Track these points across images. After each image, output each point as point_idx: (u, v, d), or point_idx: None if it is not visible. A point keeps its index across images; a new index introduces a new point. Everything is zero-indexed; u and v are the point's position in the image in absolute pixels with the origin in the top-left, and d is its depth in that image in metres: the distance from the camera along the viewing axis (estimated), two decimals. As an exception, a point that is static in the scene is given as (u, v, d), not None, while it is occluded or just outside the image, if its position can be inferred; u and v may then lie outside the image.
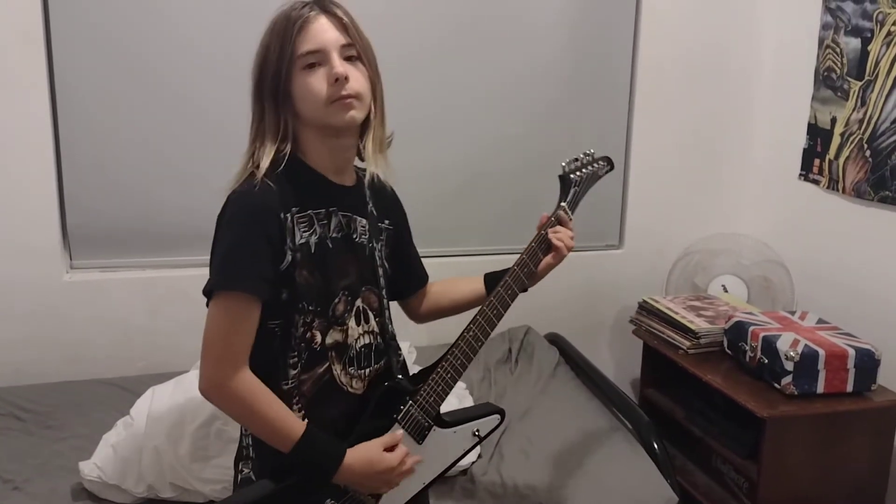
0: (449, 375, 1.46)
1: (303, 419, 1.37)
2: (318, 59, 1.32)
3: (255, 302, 1.30)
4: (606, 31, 2.70)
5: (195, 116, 2.38)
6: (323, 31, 1.32)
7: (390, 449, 1.39)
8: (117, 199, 2.37)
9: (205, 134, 2.39)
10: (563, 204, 1.61)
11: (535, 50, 2.64)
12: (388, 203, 1.55)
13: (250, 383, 1.30)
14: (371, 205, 1.48)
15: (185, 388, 1.95)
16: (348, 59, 1.34)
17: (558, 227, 1.57)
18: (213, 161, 2.35)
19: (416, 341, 2.47)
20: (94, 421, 2.09)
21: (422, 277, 1.67)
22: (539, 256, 1.56)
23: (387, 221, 1.54)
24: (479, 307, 1.51)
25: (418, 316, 1.69)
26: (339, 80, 1.31)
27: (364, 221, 1.46)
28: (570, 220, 1.61)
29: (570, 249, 1.57)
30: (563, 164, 1.63)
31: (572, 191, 1.62)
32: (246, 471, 1.42)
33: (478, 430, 1.54)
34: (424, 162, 2.59)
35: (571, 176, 1.63)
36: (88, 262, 2.40)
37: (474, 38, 2.58)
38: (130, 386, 2.26)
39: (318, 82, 1.32)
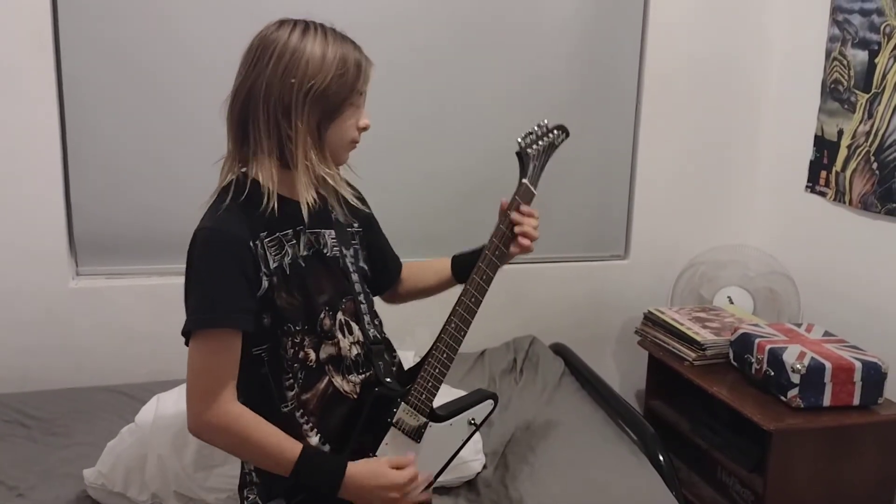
0: (437, 370, 1.46)
1: (316, 436, 1.37)
2: (360, 102, 1.40)
3: (235, 335, 1.31)
4: (613, 41, 2.70)
5: (202, 125, 2.38)
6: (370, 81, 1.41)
7: (397, 468, 1.38)
8: (124, 207, 2.37)
9: (212, 142, 2.38)
10: (523, 181, 1.56)
11: (540, 59, 2.64)
12: (351, 205, 1.53)
13: (239, 414, 1.30)
14: (335, 213, 1.48)
15: (189, 396, 1.95)
16: None
17: (521, 219, 1.52)
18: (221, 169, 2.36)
19: (421, 350, 2.46)
20: (98, 428, 2.09)
21: (397, 264, 1.68)
22: (508, 237, 1.52)
23: (355, 224, 1.54)
24: (458, 297, 1.49)
25: (397, 299, 1.72)
26: (365, 130, 1.41)
27: (332, 232, 1.46)
28: (534, 195, 1.57)
29: (534, 239, 1.53)
30: (519, 139, 1.58)
31: (531, 165, 1.58)
32: (252, 497, 1.43)
33: (473, 419, 1.55)
34: (428, 168, 2.59)
35: (528, 150, 1.58)
36: (94, 269, 2.41)
37: (480, 46, 2.58)
38: (135, 393, 2.26)
39: (352, 122, 1.39)
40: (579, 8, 2.64)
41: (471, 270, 1.49)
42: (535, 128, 1.61)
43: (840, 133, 2.45)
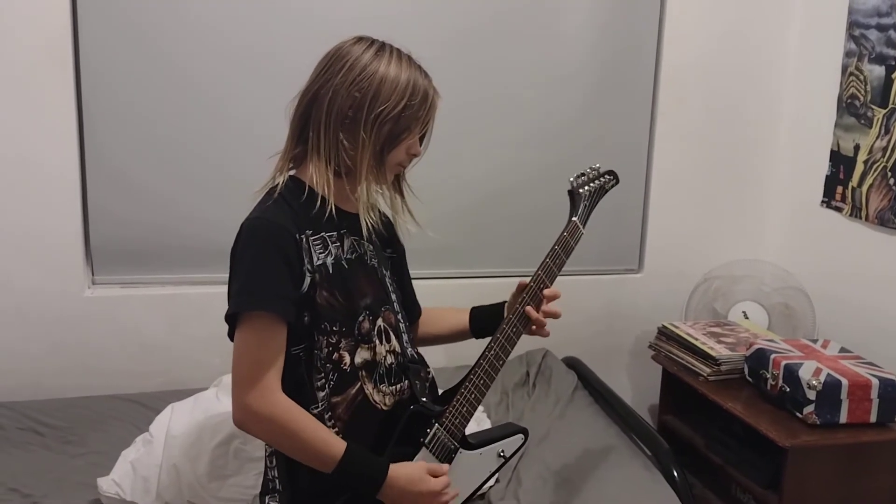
0: (473, 396, 1.46)
1: None
2: (419, 131, 1.44)
3: (280, 322, 1.32)
4: (628, 52, 2.70)
5: (221, 137, 2.40)
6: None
7: (434, 475, 1.39)
8: (140, 216, 2.39)
9: (230, 155, 2.41)
10: (573, 219, 1.63)
11: (553, 71, 2.64)
12: (389, 234, 1.59)
13: (286, 405, 1.31)
14: (374, 235, 1.51)
15: (204, 406, 1.95)
16: None
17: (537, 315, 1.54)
18: (236, 181, 2.37)
19: (434, 363, 2.45)
20: (112, 437, 2.10)
21: (416, 310, 1.69)
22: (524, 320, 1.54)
23: (389, 250, 1.58)
24: (499, 325, 1.51)
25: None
26: (414, 157, 1.45)
27: (370, 247, 1.49)
28: (582, 233, 1.63)
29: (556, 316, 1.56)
30: (571, 179, 1.66)
31: (582, 205, 1.65)
32: None
33: (503, 451, 1.54)
34: (439, 174, 2.56)
35: (580, 191, 1.65)
36: (110, 278, 2.42)
37: (492, 47, 2.57)
38: (149, 402, 2.27)
39: (405, 148, 1.42)
40: (592, 23, 2.65)
41: (489, 327, 1.52)
42: (588, 170, 1.69)
43: (856, 148, 2.45)
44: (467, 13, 2.53)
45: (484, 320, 1.62)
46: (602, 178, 1.72)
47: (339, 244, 1.42)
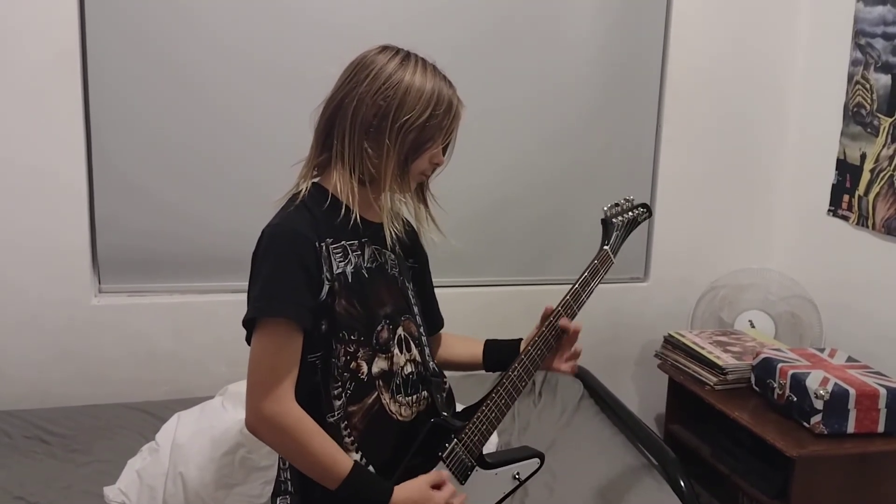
0: (493, 415, 1.46)
1: (357, 451, 1.37)
2: (443, 140, 1.43)
3: (296, 329, 1.31)
4: (634, 60, 2.71)
5: (228, 146, 2.41)
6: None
7: (437, 487, 1.38)
8: (147, 225, 2.39)
9: (235, 165, 2.42)
10: (605, 247, 1.65)
11: (558, 80, 2.64)
12: (412, 244, 1.58)
13: (298, 416, 1.30)
14: (398, 246, 1.51)
15: (210, 415, 1.95)
16: None
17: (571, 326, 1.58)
18: (243, 190, 2.39)
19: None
20: (119, 445, 2.10)
21: (438, 321, 1.68)
22: (551, 343, 1.57)
23: (411, 260, 1.57)
24: (525, 347, 1.52)
25: None
26: (437, 166, 1.45)
27: (392, 256, 1.48)
28: (612, 263, 1.66)
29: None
30: (605, 208, 1.67)
31: (614, 234, 1.68)
32: None
33: (518, 474, 1.53)
34: (445, 182, 2.57)
35: (614, 220, 1.67)
36: (117, 287, 2.42)
37: (499, 53, 2.57)
38: (156, 411, 2.27)
39: (428, 157, 1.42)
40: (598, 30, 2.65)
41: (504, 360, 1.52)
42: (623, 201, 1.72)
43: (863, 157, 2.44)
44: (474, 22, 2.53)
45: (498, 353, 1.61)
46: (635, 210, 1.75)
47: (359, 253, 1.41)
